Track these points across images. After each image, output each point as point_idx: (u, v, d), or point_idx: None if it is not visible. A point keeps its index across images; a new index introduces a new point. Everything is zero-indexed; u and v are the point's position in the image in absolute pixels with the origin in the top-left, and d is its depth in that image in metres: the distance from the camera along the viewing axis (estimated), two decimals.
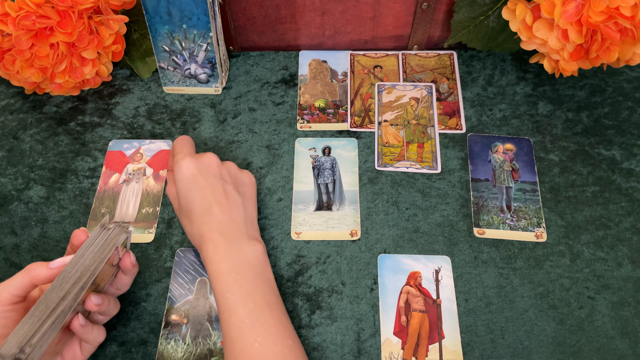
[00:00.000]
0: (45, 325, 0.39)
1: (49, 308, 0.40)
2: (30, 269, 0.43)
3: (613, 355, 0.49)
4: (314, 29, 0.67)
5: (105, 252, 0.43)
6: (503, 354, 0.49)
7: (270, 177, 0.60)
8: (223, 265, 0.46)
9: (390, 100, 0.65)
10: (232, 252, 0.47)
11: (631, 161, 0.60)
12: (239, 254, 0.47)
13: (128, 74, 0.69)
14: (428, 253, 0.55)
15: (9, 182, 0.61)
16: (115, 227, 0.45)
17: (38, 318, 0.39)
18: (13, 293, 0.42)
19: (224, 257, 0.46)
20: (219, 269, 0.46)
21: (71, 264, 0.42)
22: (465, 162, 0.60)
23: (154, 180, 0.60)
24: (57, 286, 0.41)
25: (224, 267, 0.46)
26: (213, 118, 0.65)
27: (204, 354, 0.50)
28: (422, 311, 0.51)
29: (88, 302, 0.43)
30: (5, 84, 0.68)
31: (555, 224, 0.56)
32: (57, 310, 0.40)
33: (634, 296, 0.52)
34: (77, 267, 0.42)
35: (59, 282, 0.41)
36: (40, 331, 0.39)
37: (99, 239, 0.44)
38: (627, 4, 0.49)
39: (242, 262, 0.46)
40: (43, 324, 0.39)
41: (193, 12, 0.58)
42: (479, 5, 0.61)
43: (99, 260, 0.43)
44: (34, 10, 0.54)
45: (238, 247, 0.47)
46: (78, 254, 0.43)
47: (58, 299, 0.40)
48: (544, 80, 0.66)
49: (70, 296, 0.41)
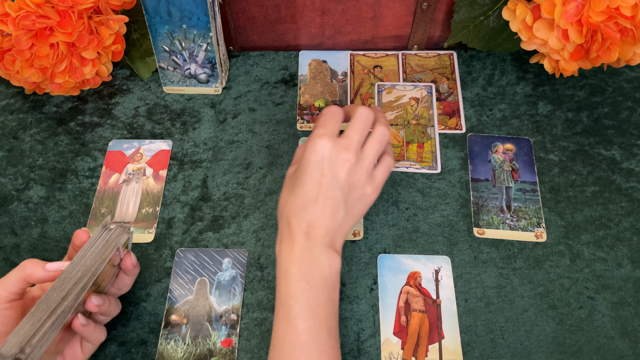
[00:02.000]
0: (45, 326, 0.39)
1: (50, 308, 0.40)
2: (25, 267, 0.43)
3: (613, 355, 0.49)
4: (314, 29, 0.67)
5: (106, 252, 0.43)
6: (503, 354, 0.49)
7: (270, 177, 0.60)
8: (294, 269, 0.42)
9: (390, 100, 0.65)
10: (308, 259, 0.43)
11: (631, 161, 0.60)
12: (314, 263, 0.43)
13: (128, 74, 0.69)
14: (428, 253, 0.55)
15: (9, 182, 0.61)
16: (116, 227, 0.45)
17: (38, 318, 0.39)
18: (9, 290, 0.42)
19: (298, 261, 0.43)
20: (289, 271, 0.43)
21: (72, 264, 0.42)
22: (465, 162, 0.60)
23: (154, 180, 0.60)
24: (58, 286, 0.41)
25: (295, 271, 0.42)
26: (213, 118, 0.65)
27: (204, 354, 0.50)
28: (422, 311, 0.51)
29: (89, 303, 0.43)
30: (5, 84, 0.68)
31: (555, 224, 0.56)
32: (58, 310, 0.40)
33: (634, 296, 0.52)
34: (79, 267, 0.42)
35: (60, 282, 0.41)
36: (41, 331, 0.39)
37: (100, 240, 0.44)
38: (628, 4, 0.49)
39: (315, 272, 0.43)
40: (44, 324, 0.39)
41: (193, 12, 0.58)
42: (479, 5, 0.61)
43: (100, 260, 0.43)
44: (34, 10, 0.54)
45: (316, 255, 0.43)
46: (79, 254, 0.43)
47: (59, 299, 0.40)
48: (544, 80, 0.66)
49: (71, 296, 0.41)
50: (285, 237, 0.44)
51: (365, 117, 0.47)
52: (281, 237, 0.45)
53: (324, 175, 0.44)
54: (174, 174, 0.61)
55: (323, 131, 0.46)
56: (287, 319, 0.41)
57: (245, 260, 0.55)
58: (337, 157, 0.45)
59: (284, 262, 0.43)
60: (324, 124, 0.46)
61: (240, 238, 0.56)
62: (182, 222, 0.57)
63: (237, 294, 0.53)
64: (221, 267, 0.54)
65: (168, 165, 0.61)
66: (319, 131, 0.46)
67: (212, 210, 0.58)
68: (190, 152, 0.62)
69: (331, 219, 0.44)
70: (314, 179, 0.44)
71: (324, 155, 0.44)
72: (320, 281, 0.43)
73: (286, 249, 0.44)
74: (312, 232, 0.43)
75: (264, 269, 0.54)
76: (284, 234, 0.44)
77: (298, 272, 0.42)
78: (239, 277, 0.54)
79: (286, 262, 0.43)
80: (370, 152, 0.46)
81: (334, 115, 0.47)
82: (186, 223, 0.57)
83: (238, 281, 0.53)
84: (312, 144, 0.45)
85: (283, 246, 0.44)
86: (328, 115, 0.47)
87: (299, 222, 0.44)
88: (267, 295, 0.53)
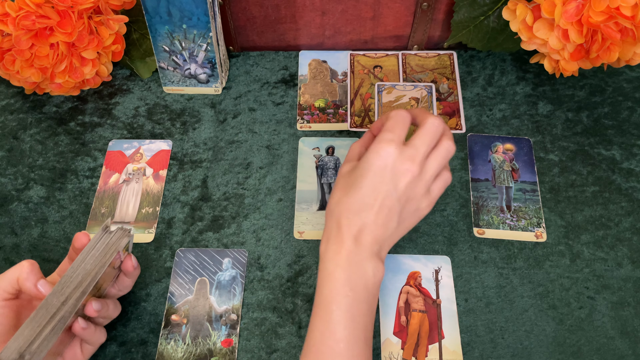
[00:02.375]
0: (45, 331, 0.39)
1: (50, 313, 0.39)
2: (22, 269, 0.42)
3: (613, 355, 0.49)
4: (314, 29, 0.67)
5: (107, 256, 0.43)
6: (503, 354, 0.49)
7: (270, 177, 0.60)
8: (340, 273, 0.42)
9: (390, 100, 0.65)
10: (354, 264, 0.42)
11: (631, 161, 0.60)
12: (360, 270, 0.42)
13: (128, 74, 0.69)
14: (428, 253, 0.55)
15: (9, 182, 0.61)
16: (117, 230, 0.44)
17: (38, 323, 0.39)
18: (4, 289, 0.42)
19: (344, 265, 0.42)
20: (334, 274, 0.42)
21: (73, 268, 0.42)
22: (465, 162, 0.60)
23: (154, 180, 0.60)
24: (58, 290, 0.40)
25: (340, 275, 0.42)
26: (213, 118, 0.65)
27: (204, 354, 0.50)
28: (422, 311, 0.51)
29: (88, 308, 0.43)
30: (5, 84, 0.68)
31: (555, 224, 0.56)
32: (58, 315, 0.40)
33: (634, 296, 0.52)
34: (79, 271, 0.42)
35: (60, 286, 0.41)
36: (41, 337, 0.39)
37: (101, 243, 0.43)
38: (628, 4, 0.49)
39: (360, 280, 0.42)
40: (43, 329, 0.39)
41: (193, 12, 0.58)
42: (479, 5, 0.61)
43: (101, 264, 0.42)
44: (34, 10, 0.54)
45: (363, 262, 0.42)
46: (80, 258, 0.42)
47: (59, 303, 0.40)
48: (544, 80, 0.66)
49: (71, 301, 0.40)
50: (332, 238, 0.43)
51: (435, 128, 0.45)
52: (328, 237, 0.44)
53: (385, 183, 0.43)
54: (174, 174, 0.61)
55: (390, 137, 0.44)
56: (327, 323, 0.41)
57: (245, 260, 0.55)
58: (401, 166, 0.43)
59: (330, 264, 0.42)
60: (392, 129, 0.44)
61: (240, 238, 0.56)
62: (182, 222, 0.57)
63: (237, 294, 0.53)
64: (221, 267, 0.54)
65: (168, 165, 0.61)
66: (387, 136, 0.44)
67: (212, 210, 0.58)
68: (190, 152, 0.62)
69: (383, 228, 0.43)
70: (374, 184, 0.43)
71: (388, 163, 0.43)
72: (363, 289, 0.42)
73: (333, 250, 0.43)
74: (361, 238, 0.43)
75: (264, 269, 0.54)
76: (332, 235, 0.44)
77: (343, 277, 0.42)
78: (239, 277, 0.54)
79: (332, 264, 0.42)
80: (433, 166, 0.45)
81: (403, 120, 0.45)
82: (186, 223, 0.57)
83: (238, 281, 0.53)
84: (378, 149, 0.43)
85: (330, 247, 0.43)
86: (397, 120, 0.45)
87: (349, 226, 0.43)
88: (267, 295, 0.53)
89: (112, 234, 0.44)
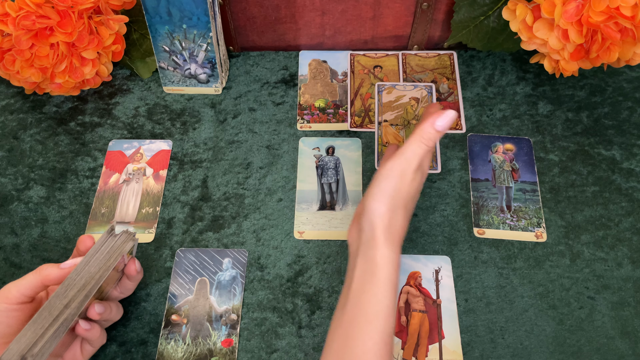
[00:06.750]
0: (48, 334, 0.39)
1: (52, 315, 0.39)
2: (41, 269, 0.43)
3: (613, 355, 0.49)
4: (314, 29, 0.67)
5: (111, 260, 0.43)
6: (503, 354, 0.49)
7: (271, 177, 0.60)
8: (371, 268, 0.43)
9: (390, 100, 0.65)
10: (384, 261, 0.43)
11: (631, 161, 0.60)
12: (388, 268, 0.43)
13: (128, 74, 0.69)
14: (428, 253, 0.55)
15: (9, 182, 0.61)
16: (121, 234, 0.44)
17: (41, 325, 0.39)
18: (23, 292, 0.42)
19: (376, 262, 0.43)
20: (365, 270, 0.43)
21: (76, 271, 0.41)
22: (465, 162, 0.60)
23: (154, 180, 0.60)
24: (62, 293, 0.40)
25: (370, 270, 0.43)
26: (213, 118, 0.65)
27: (204, 354, 0.50)
28: (422, 311, 0.51)
29: (91, 311, 0.43)
30: (5, 84, 0.68)
31: (555, 224, 0.56)
32: (60, 318, 0.39)
33: (634, 296, 0.52)
34: (82, 274, 0.41)
35: (64, 288, 0.40)
36: (43, 340, 0.38)
37: (105, 246, 0.43)
38: (628, 4, 0.49)
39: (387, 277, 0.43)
40: (46, 331, 0.39)
41: (193, 12, 0.58)
42: (479, 5, 0.61)
43: (105, 268, 0.42)
44: (34, 10, 0.54)
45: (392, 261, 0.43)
46: (83, 261, 0.42)
47: (62, 306, 0.40)
48: (544, 80, 0.66)
49: (74, 304, 0.40)
50: (365, 233, 0.44)
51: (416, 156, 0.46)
52: (359, 231, 0.45)
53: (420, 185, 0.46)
54: (174, 174, 0.61)
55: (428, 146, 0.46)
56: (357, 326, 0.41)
57: (245, 260, 0.55)
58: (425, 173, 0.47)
59: (360, 260, 0.43)
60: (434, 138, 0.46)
61: (240, 238, 0.56)
62: (182, 222, 0.57)
63: (237, 294, 0.53)
64: (221, 267, 0.54)
65: (168, 165, 0.61)
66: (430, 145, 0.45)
67: (212, 210, 0.58)
68: (190, 152, 0.62)
69: (403, 229, 0.45)
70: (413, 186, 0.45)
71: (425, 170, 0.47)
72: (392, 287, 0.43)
73: (366, 246, 0.44)
74: (392, 237, 0.44)
75: (264, 269, 0.54)
76: (365, 231, 0.44)
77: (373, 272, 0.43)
78: (239, 277, 0.54)
79: (363, 259, 0.43)
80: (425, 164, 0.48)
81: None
82: (186, 223, 0.57)
83: (238, 281, 0.53)
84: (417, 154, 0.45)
85: (362, 242, 0.44)
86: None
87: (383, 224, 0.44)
88: (267, 295, 0.53)
89: (116, 238, 0.44)
